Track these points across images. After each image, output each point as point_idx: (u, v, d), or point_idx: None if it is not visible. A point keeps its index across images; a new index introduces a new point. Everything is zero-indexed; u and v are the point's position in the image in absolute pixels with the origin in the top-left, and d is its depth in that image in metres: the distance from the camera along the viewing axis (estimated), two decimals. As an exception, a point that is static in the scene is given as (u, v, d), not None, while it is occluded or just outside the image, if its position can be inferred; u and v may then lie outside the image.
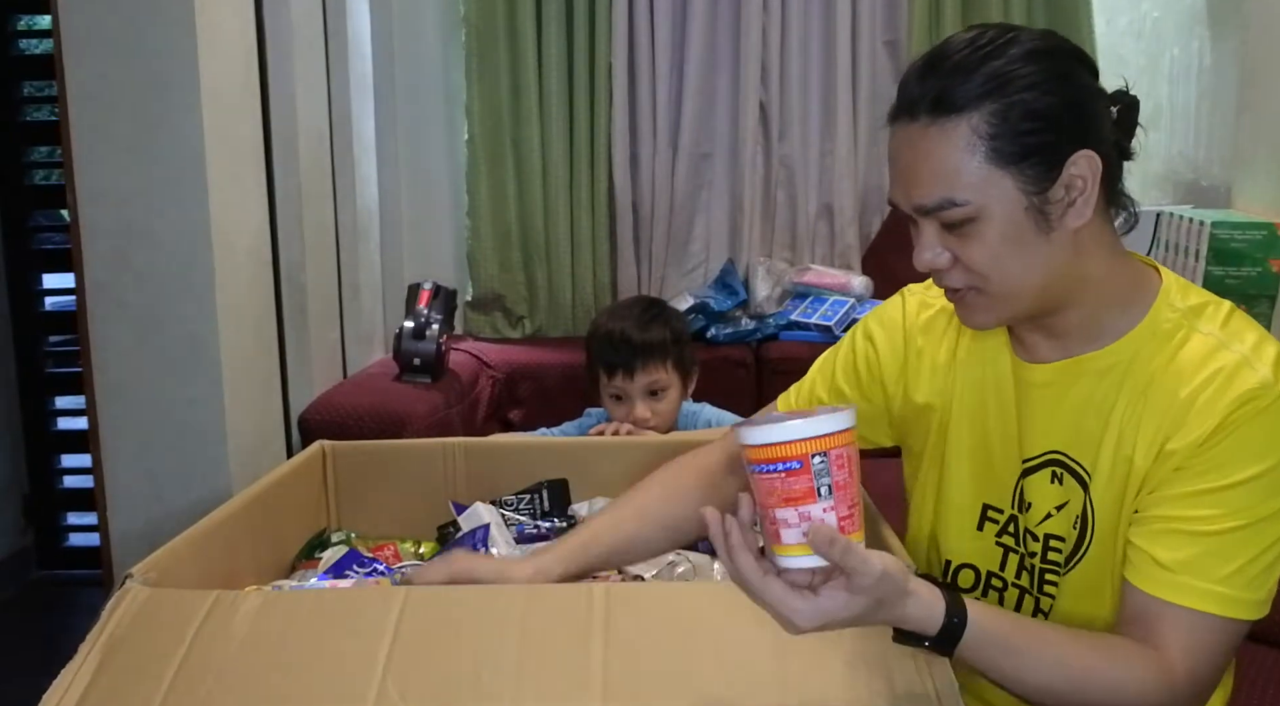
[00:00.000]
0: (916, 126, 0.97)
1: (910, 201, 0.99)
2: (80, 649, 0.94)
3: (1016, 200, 0.96)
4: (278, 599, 1.02)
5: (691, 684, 0.90)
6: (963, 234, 0.98)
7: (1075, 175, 0.97)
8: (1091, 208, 0.98)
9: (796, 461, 0.83)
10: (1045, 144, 0.96)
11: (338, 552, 1.42)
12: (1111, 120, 1.02)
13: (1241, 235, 2.09)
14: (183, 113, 1.98)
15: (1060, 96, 0.96)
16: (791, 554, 0.85)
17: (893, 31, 3.07)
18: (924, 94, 0.97)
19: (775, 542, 0.86)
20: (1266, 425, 0.95)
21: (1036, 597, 1.10)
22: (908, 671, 0.90)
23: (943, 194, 0.97)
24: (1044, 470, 1.08)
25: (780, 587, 0.85)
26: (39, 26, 3.75)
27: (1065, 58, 0.99)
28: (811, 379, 1.27)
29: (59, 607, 3.12)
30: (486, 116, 3.04)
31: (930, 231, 1.00)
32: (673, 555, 1.36)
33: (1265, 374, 0.95)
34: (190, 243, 2.02)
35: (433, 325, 2.49)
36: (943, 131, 0.96)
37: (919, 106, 0.97)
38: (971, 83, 0.95)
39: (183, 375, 2.05)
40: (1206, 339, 0.99)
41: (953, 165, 0.96)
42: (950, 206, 0.97)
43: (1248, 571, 0.95)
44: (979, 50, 0.96)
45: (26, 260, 3.25)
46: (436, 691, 0.89)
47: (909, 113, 0.98)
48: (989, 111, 0.95)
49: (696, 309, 2.92)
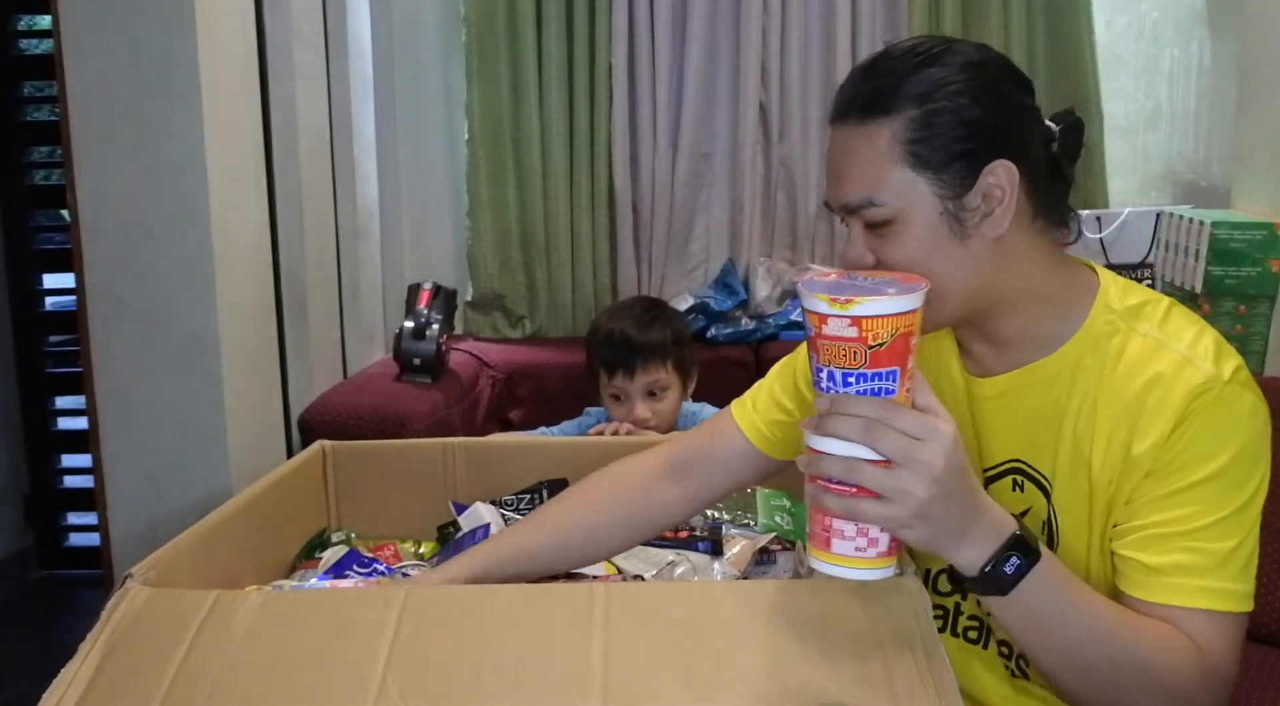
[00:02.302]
0: (847, 127, 1.01)
1: (837, 200, 1.03)
2: (80, 649, 0.94)
3: (933, 205, 0.98)
4: (278, 599, 1.02)
5: (691, 684, 0.90)
6: (883, 234, 1.01)
7: (993, 184, 0.98)
8: (1009, 218, 0.99)
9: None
10: (965, 152, 0.97)
11: (338, 552, 1.42)
12: (1049, 137, 1.04)
13: (1241, 235, 2.09)
14: (183, 113, 1.98)
15: (985, 107, 0.98)
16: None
17: (893, 31, 3.07)
18: (856, 96, 1.00)
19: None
20: (1219, 417, 0.96)
21: None
22: (909, 672, 0.90)
23: (864, 193, 1.00)
24: (1004, 479, 1.09)
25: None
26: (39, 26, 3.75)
27: (998, 71, 1.01)
28: (769, 385, 1.25)
29: (59, 607, 3.12)
30: (486, 116, 3.03)
31: (857, 231, 1.03)
32: (672, 555, 1.36)
33: (1208, 368, 0.96)
34: (190, 243, 2.02)
35: (433, 325, 2.49)
36: (870, 133, 0.99)
37: (851, 108, 1.01)
38: (902, 87, 0.98)
39: (183, 375, 2.05)
40: (1145, 340, 1.00)
41: (876, 167, 0.98)
42: (870, 206, 1.00)
43: (1233, 564, 0.96)
44: (915, 57, 0.99)
45: (26, 260, 3.26)
46: (436, 691, 0.89)
47: (842, 114, 1.02)
48: (914, 116, 0.97)
49: (696, 309, 2.92)
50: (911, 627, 0.94)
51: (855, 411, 0.84)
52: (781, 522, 1.48)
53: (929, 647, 0.92)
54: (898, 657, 0.91)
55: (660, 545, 1.39)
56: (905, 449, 0.83)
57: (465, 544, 1.34)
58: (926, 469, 0.83)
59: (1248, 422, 0.97)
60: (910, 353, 0.85)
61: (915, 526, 0.85)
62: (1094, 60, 2.96)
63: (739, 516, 1.49)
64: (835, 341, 0.84)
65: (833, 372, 0.85)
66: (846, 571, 0.87)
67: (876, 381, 0.84)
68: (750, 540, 1.42)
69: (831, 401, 0.85)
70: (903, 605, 0.97)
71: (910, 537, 0.87)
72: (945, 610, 1.18)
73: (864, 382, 0.84)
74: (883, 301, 0.82)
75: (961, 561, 0.90)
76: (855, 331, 0.83)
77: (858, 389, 0.85)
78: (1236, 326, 2.13)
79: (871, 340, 0.83)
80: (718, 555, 1.39)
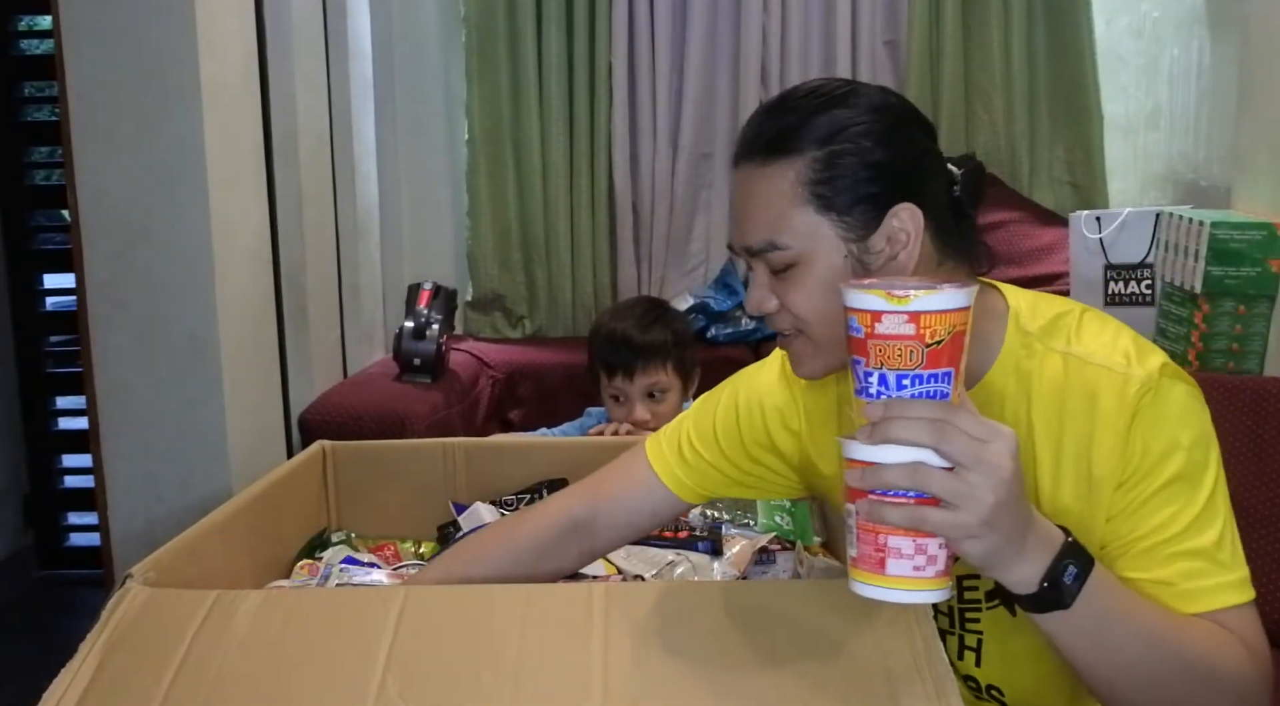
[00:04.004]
0: (750, 166, 0.99)
1: (740, 242, 1.01)
2: (80, 649, 0.94)
3: (837, 247, 0.97)
4: (278, 599, 1.02)
5: (691, 684, 0.90)
6: (786, 278, 0.98)
7: (897, 228, 0.97)
8: (915, 261, 0.98)
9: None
10: (869, 195, 0.97)
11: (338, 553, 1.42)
12: (951, 180, 1.02)
13: (1241, 235, 2.09)
14: (183, 113, 1.98)
15: (889, 150, 0.97)
16: None
17: (893, 31, 3.07)
18: (760, 136, 0.99)
19: None
20: (1162, 415, 0.95)
21: (961, 635, 1.10)
22: (909, 672, 0.90)
23: (766, 236, 0.98)
24: None
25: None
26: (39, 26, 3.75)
27: (901, 115, 1.00)
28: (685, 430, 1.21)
29: (59, 607, 3.12)
30: (486, 116, 3.04)
31: (761, 273, 1.00)
32: (672, 555, 1.36)
33: (1137, 372, 0.95)
34: (190, 243, 2.02)
35: (433, 325, 2.49)
36: (771, 174, 0.97)
37: (754, 148, 0.98)
38: (806, 128, 0.97)
39: (183, 375, 2.05)
40: (1066, 358, 0.98)
41: (778, 208, 0.97)
42: (772, 249, 0.98)
43: (1222, 554, 0.95)
44: (819, 97, 0.98)
45: (26, 260, 3.26)
46: (436, 691, 0.89)
47: (745, 154, 0.99)
48: (818, 157, 0.96)
49: (696, 309, 2.92)
50: (911, 628, 0.94)
51: (918, 414, 0.78)
52: (781, 522, 1.48)
53: (929, 648, 0.92)
54: (897, 658, 0.91)
55: (660, 545, 1.39)
56: (973, 450, 0.78)
57: (465, 544, 1.34)
58: (995, 470, 0.78)
59: (1189, 412, 0.96)
60: (963, 353, 0.80)
61: (981, 535, 0.79)
62: (1094, 60, 2.96)
63: (739, 516, 1.49)
64: (890, 340, 0.79)
65: (885, 376, 0.80)
66: (905, 594, 0.80)
67: (932, 383, 0.79)
68: (750, 540, 1.42)
69: (887, 406, 0.79)
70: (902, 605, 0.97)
71: (974, 550, 0.81)
72: None
73: (919, 385, 0.79)
74: (942, 295, 0.78)
75: (1020, 576, 0.84)
76: (913, 328, 0.78)
77: (913, 392, 0.79)
78: (1236, 326, 2.12)
79: (929, 338, 0.78)
80: (718, 555, 1.39)
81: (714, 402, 1.21)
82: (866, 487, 0.80)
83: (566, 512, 1.20)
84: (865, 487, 0.80)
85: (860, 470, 0.80)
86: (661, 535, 1.41)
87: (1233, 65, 2.33)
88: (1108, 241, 2.43)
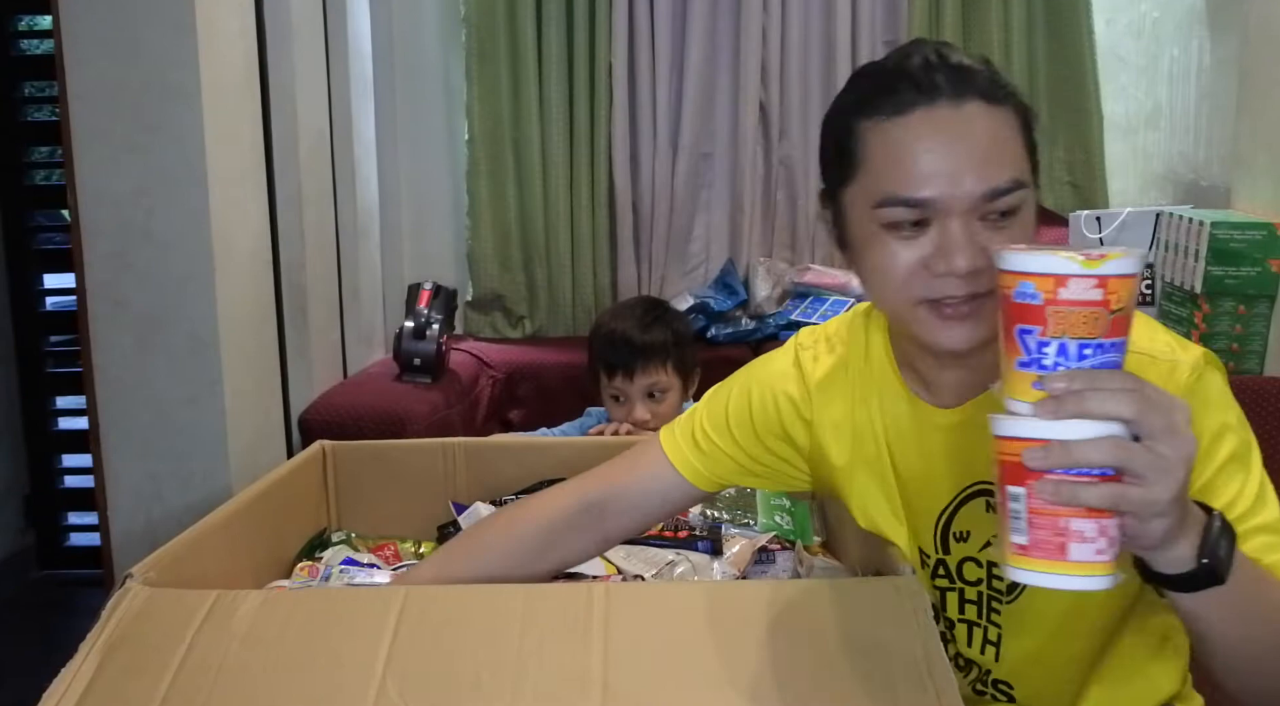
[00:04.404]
0: (973, 106, 0.92)
1: (983, 185, 0.90)
2: (80, 649, 0.95)
3: (1033, 199, 0.96)
4: (278, 599, 1.02)
5: (691, 684, 0.90)
6: (1002, 228, 0.92)
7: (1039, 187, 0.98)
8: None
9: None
10: (1034, 146, 0.97)
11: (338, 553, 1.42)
12: None
13: (1241, 235, 2.09)
14: (183, 113, 1.98)
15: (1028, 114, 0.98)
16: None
17: (893, 31, 3.07)
18: (976, 75, 0.93)
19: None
20: (1210, 398, 0.95)
21: (985, 627, 1.09)
22: (909, 672, 0.90)
23: (1014, 175, 0.92)
24: (975, 500, 1.05)
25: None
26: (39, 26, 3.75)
27: None
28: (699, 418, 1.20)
29: (59, 607, 3.12)
30: (486, 116, 3.04)
31: (969, 226, 0.91)
32: (672, 555, 1.36)
33: (1184, 359, 0.96)
34: (190, 243, 2.02)
35: (433, 325, 2.49)
36: (1002, 116, 0.93)
37: (975, 86, 0.93)
38: (1001, 79, 0.95)
39: (183, 375, 2.05)
40: None
41: (1014, 150, 0.93)
42: (1017, 189, 0.92)
43: None
44: (983, 59, 0.97)
45: (26, 260, 3.26)
46: (436, 691, 0.89)
47: (955, 93, 0.92)
48: (1019, 108, 0.95)
49: (696, 309, 2.92)
50: (911, 627, 0.94)
51: (1115, 384, 0.73)
52: (781, 522, 1.48)
53: (928, 647, 0.92)
54: (897, 658, 0.91)
55: (660, 545, 1.39)
56: (1165, 421, 0.73)
57: (465, 544, 1.34)
58: (1186, 442, 0.74)
59: (1227, 393, 0.97)
60: (1130, 323, 0.76)
61: (1169, 513, 0.75)
62: (1094, 60, 2.96)
63: (739, 516, 1.49)
64: (1075, 307, 0.73)
65: (1065, 345, 0.74)
66: (1087, 581, 0.74)
67: (1114, 352, 0.74)
68: (750, 540, 1.42)
69: (1072, 378, 0.73)
70: (901, 605, 0.97)
71: (1157, 529, 0.76)
72: None
73: (1100, 354, 0.74)
74: (1130, 259, 0.73)
75: (1179, 552, 0.80)
76: (1100, 293, 0.73)
77: (1093, 362, 0.74)
78: (1236, 326, 2.13)
79: (1114, 304, 0.73)
80: (717, 555, 1.39)
81: (726, 392, 1.20)
82: (1051, 466, 0.73)
83: (579, 495, 1.19)
84: (1049, 466, 0.74)
85: (1042, 449, 0.73)
86: (661, 535, 1.41)
87: (1233, 65, 2.33)
88: (1108, 241, 2.43)
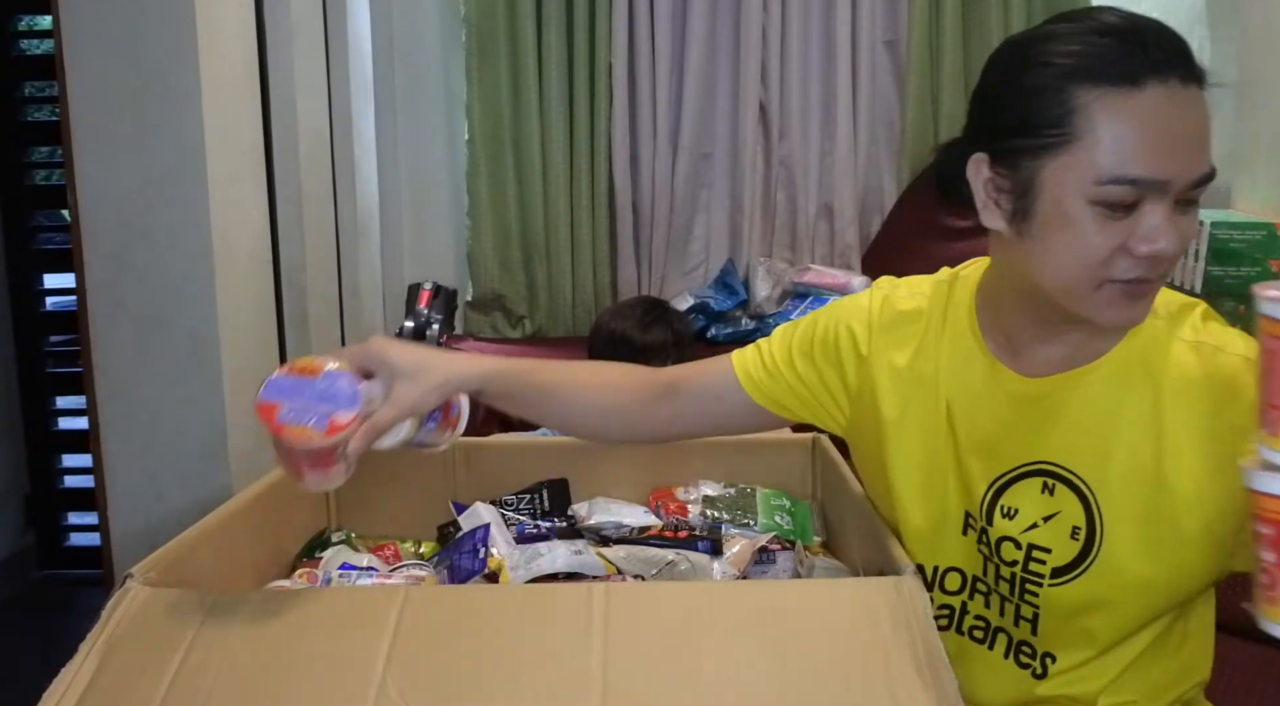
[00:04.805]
0: (1191, 91, 0.91)
1: (1192, 172, 0.91)
2: (80, 649, 0.94)
3: None
4: (278, 599, 1.02)
5: (691, 684, 0.90)
6: (1184, 212, 0.93)
7: None
8: None
9: None
10: None
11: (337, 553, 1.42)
12: None
13: (1241, 235, 2.09)
14: (183, 113, 1.99)
15: None
16: None
17: (893, 31, 3.07)
18: (1189, 56, 0.91)
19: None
20: None
21: (1018, 605, 1.09)
22: (909, 672, 0.90)
23: (1210, 164, 0.92)
24: (1032, 478, 1.05)
25: None
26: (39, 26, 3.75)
27: None
28: (767, 346, 1.23)
29: (59, 607, 3.12)
30: (486, 116, 3.04)
31: (1166, 210, 0.91)
32: (672, 555, 1.36)
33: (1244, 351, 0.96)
34: (190, 243, 2.02)
35: (433, 325, 2.50)
36: (1203, 102, 0.92)
37: (1192, 67, 0.91)
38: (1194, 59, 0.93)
39: (183, 375, 2.06)
40: (1199, 348, 0.99)
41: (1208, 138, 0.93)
42: (1211, 179, 0.92)
43: None
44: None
45: (26, 260, 3.26)
46: (436, 691, 0.89)
47: (1181, 73, 0.90)
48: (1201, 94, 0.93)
49: (696, 309, 2.92)
50: (911, 627, 0.94)
51: None
52: (781, 522, 1.47)
53: (929, 647, 0.92)
54: (898, 657, 0.91)
55: (660, 545, 1.39)
56: None
57: (465, 544, 1.34)
58: None
59: None
60: None
61: None
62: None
63: (739, 516, 1.48)
64: None
65: None
66: None
67: None
68: (750, 540, 1.42)
69: None
70: (902, 605, 0.97)
71: None
72: (951, 609, 1.17)
73: None
74: None
75: None
76: None
77: None
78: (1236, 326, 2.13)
79: None
80: (718, 555, 1.39)
81: (799, 321, 1.23)
82: None
83: (650, 374, 1.25)
84: None
85: None
86: (662, 535, 1.41)
87: (1233, 65, 2.33)
88: (1108, 241, 2.42)
